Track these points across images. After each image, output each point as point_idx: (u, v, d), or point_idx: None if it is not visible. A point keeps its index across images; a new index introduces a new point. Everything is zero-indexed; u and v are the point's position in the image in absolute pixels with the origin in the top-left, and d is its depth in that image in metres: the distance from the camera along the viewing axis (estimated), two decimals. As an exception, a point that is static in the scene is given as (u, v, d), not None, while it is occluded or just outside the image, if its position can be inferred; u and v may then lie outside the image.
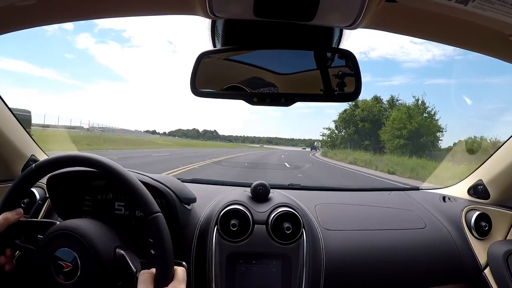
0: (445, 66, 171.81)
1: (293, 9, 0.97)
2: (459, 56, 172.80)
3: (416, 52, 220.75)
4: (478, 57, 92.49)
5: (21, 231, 1.20)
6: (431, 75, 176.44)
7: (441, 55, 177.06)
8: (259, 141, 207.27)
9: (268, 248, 1.51)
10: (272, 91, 1.18)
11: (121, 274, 1.13)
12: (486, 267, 1.72)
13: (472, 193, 2.00)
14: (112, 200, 1.52)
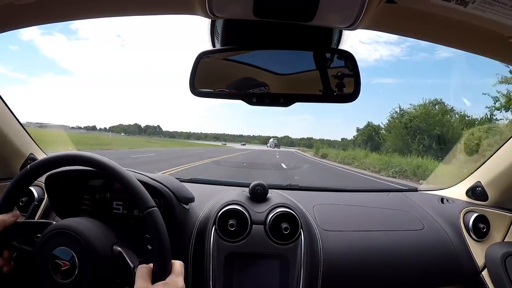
0: (392, 66, 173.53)
1: (292, 9, 0.97)
2: (406, 57, 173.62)
3: (364, 51, 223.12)
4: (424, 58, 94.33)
5: (18, 233, 1.19)
6: (378, 74, 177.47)
7: (389, 55, 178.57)
8: (206, 137, 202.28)
9: (266, 249, 1.51)
10: (271, 92, 1.18)
11: (119, 271, 1.13)
12: (484, 269, 1.72)
13: (471, 195, 2.00)
14: (110, 200, 1.52)
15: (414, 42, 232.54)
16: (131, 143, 44.67)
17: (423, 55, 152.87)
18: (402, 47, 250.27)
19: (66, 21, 1.19)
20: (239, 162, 23.76)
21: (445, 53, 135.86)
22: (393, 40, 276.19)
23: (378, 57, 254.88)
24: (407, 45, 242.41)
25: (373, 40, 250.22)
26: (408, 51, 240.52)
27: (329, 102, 1.18)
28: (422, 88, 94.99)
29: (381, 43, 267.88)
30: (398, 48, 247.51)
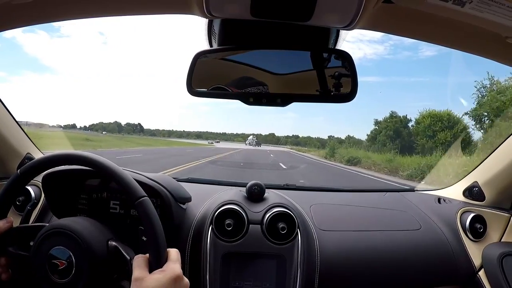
0: (375, 64, 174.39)
1: (290, 9, 0.97)
2: (390, 55, 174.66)
3: (349, 50, 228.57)
4: (407, 57, 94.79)
5: (14, 239, 1.19)
6: (363, 73, 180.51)
7: (372, 53, 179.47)
8: (188, 135, 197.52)
9: (263, 248, 1.51)
10: (268, 91, 1.17)
11: (115, 265, 1.14)
12: (481, 269, 1.72)
13: (467, 195, 2.01)
14: (107, 199, 1.52)
15: (397, 41, 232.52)
16: (110, 142, 41.77)
17: (407, 53, 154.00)
18: (386, 46, 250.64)
19: (63, 21, 1.19)
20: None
21: (429, 52, 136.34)
22: (376, 39, 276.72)
23: (362, 55, 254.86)
24: (391, 44, 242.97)
25: (357, 39, 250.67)
26: (392, 50, 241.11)
27: (326, 102, 1.18)
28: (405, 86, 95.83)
29: (365, 42, 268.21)
30: (382, 47, 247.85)
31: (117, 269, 1.14)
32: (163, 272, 0.96)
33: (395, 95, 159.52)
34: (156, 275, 0.95)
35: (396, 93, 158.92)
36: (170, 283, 0.94)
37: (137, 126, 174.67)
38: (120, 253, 1.13)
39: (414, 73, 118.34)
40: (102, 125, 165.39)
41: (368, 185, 14.63)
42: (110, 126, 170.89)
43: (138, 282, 0.93)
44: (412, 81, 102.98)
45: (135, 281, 0.94)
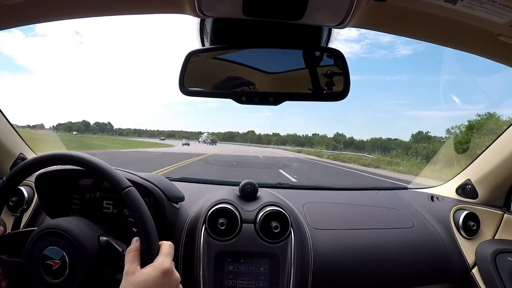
0: (352, 63, 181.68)
1: (281, 8, 0.97)
2: (366, 54, 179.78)
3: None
4: (383, 56, 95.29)
5: (6, 246, 1.19)
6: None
7: (349, 52, 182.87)
8: (160, 134, 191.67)
9: (256, 247, 1.51)
10: (261, 90, 1.17)
11: (108, 261, 1.14)
12: (474, 267, 1.73)
13: (460, 193, 2.01)
14: (100, 199, 1.51)
15: (373, 40, 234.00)
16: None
17: (383, 52, 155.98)
18: (362, 45, 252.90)
19: (54, 21, 1.19)
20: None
21: (405, 51, 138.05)
22: (352, 38, 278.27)
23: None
24: (367, 43, 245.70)
25: (333, 38, 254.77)
26: (368, 49, 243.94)
27: (319, 101, 1.18)
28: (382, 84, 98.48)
29: (341, 41, 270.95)
30: (358, 45, 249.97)
31: (110, 263, 1.14)
32: (153, 266, 0.96)
33: (372, 94, 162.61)
34: (146, 269, 0.94)
35: (373, 92, 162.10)
36: (160, 277, 0.93)
37: (106, 125, 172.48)
38: (112, 247, 1.14)
39: (390, 72, 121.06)
40: (70, 124, 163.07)
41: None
42: (76, 126, 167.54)
43: (128, 276, 0.93)
44: (388, 80, 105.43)
45: (125, 275, 0.94)
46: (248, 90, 1.17)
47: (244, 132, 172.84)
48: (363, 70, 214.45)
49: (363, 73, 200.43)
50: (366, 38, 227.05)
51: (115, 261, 1.12)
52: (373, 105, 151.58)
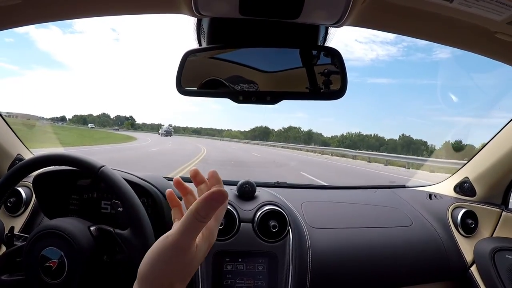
0: (388, 66, 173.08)
1: (278, 7, 0.96)
2: (403, 57, 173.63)
3: (361, 51, 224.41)
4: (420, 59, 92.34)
5: (4, 267, 1.20)
6: (374, 74, 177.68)
7: (385, 55, 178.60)
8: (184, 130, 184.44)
9: (255, 246, 1.51)
10: (258, 89, 1.17)
11: (102, 247, 1.16)
12: (473, 265, 1.73)
13: (458, 191, 2.02)
14: (98, 199, 1.52)
15: (411, 42, 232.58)
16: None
17: (420, 55, 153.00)
18: (399, 47, 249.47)
19: (52, 21, 1.19)
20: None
21: (442, 54, 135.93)
22: (389, 40, 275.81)
23: (375, 56, 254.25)
24: (404, 45, 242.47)
25: (369, 40, 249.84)
26: (405, 51, 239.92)
27: (316, 99, 1.18)
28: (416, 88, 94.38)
29: (378, 43, 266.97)
30: (395, 48, 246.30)
31: (105, 249, 1.16)
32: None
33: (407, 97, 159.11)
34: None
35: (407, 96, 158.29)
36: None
37: (128, 119, 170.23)
38: (103, 230, 1.17)
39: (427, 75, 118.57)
40: (92, 117, 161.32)
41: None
42: (94, 118, 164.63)
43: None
44: (425, 84, 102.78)
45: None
46: (245, 90, 1.16)
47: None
48: (399, 73, 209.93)
49: (399, 76, 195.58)
50: (404, 41, 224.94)
51: (109, 244, 1.15)
52: (407, 109, 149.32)
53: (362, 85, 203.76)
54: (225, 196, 0.65)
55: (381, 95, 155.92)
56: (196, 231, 0.68)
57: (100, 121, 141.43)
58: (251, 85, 1.16)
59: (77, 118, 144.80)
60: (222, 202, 0.66)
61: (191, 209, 0.66)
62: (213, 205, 0.66)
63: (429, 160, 20.02)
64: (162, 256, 0.68)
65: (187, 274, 0.72)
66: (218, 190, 0.65)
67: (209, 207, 0.65)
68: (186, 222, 0.67)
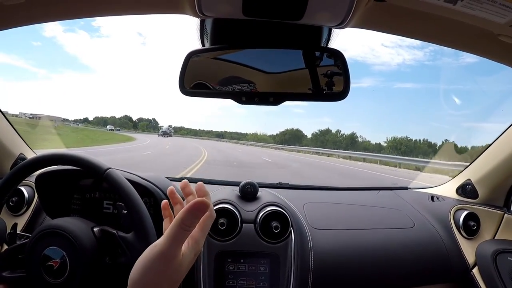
0: (414, 70, 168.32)
1: (281, 8, 0.96)
2: (429, 61, 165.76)
3: (387, 55, 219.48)
4: (447, 63, 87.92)
5: (5, 263, 1.20)
6: (400, 79, 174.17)
7: (411, 59, 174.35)
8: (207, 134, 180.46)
9: (256, 247, 1.51)
10: (261, 90, 1.17)
11: (105, 249, 1.16)
12: (474, 267, 1.73)
13: (461, 193, 2.01)
14: (100, 199, 1.52)
15: (437, 46, 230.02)
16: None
17: (447, 59, 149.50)
18: (425, 52, 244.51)
19: (54, 21, 1.19)
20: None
21: (469, 59, 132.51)
22: (416, 45, 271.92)
23: (401, 61, 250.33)
24: (431, 49, 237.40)
25: (396, 44, 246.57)
26: (431, 56, 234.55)
27: (318, 101, 1.18)
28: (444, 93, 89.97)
29: (404, 47, 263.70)
30: (421, 52, 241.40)
31: (107, 251, 1.17)
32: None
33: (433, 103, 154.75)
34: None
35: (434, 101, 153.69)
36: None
37: (150, 122, 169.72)
38: (106, 232, 1.17)
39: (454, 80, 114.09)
40: (114, 119, 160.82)
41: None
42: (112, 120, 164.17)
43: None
44: (452, 89, 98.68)
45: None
46: (248, 90, 1.17)
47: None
48: (425, 77, 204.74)
49: (424, 81, 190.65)
50: (430, 45, 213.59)
51: (111, 247, 1.15)
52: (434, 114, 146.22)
53: (388, 90, 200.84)
54: (207, 206, 0.71)
55: (408, 100, 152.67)
56: (181, 239, 0.72)
57: (120, 123, 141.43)
58: (254, 86, 1.17)
59: (98, 119, 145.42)
60: (204, 211, 0.71)
61: (176, 219, 0.71)
62: (196, 214, 0.71)
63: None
64: (151, 264, 0.72)
65: (175, 281, 0.75)
66: (201, 200, 0.71)
67: (192, 216, 0.71)
68: (172, 231, 0.71)
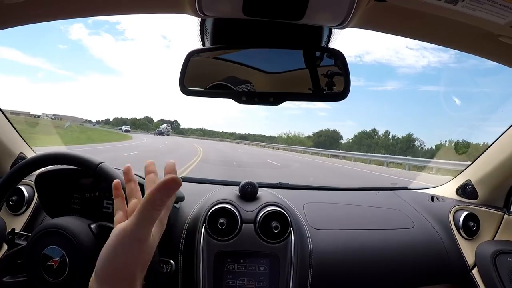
0: (440, 73, 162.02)
1: (282, 8, 0.96)
2: (454, 64, 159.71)
3: (412, 57, 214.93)
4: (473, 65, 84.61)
5: (6, 269, 1.20)
6: (425, 82, 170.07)
7: (436, 62, 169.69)
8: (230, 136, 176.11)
9: (256, 247, 1.51)
10: (261, 90, 1.17)
11: (103, 244, 1.16)
12: (474, 268, 1.73)
13: (461, 193, 2.01)
14: (100, 198, 1.52)
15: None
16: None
17: (472, 61, 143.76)
18: (451, 54, 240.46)
19: (55, 20, 1.19)
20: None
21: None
22: (439, 47, 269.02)
23: (426, 64, 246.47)
24: (456, 52, 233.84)
25: (420, 46, 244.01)
26: (457, 58, 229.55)
27: (319, 101, 1.18)
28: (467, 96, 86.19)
29: (429, 49, 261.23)
30: (447, 55, 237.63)
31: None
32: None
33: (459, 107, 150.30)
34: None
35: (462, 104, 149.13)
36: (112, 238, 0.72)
37: (172, 123, 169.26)
38: (103, 226, 1.18)
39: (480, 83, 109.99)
40: (134, 120, 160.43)
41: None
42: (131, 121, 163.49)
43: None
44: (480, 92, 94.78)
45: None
46: (248, 90, 1.17)
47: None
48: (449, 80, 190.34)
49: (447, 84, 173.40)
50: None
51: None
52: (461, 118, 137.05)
53: (413, 93, 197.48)
54: (179, 183, 0.66)
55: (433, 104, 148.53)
56: (152, 220, 0.68)
57: (139, 124, 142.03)
58: (254, 86, 1.17)
59: (117, 120, 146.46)
60: (176, 189, 0.66)
61: (146, 199, 0.66)
62: (168, 193, 0.66)
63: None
64: (121, 249, 0.67)
65: (145, 263, 0.71)
66: (172, 177, 0.65)
67: (164, 194, 0.65)
68: (143, 212, 0.67)
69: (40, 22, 1.20)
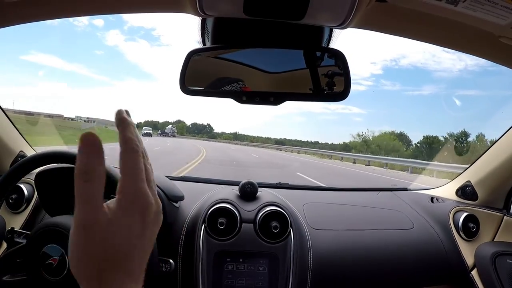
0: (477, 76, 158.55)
1: (283, 8, 0.96)
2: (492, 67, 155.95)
3: (448, 61, 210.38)
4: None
5: (5, 268, 1.20)
6: (462, 86, 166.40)
7: (474, 65, 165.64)
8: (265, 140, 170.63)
9: (256, 247, 1.51)
10: (261, 90, 1.17)
11: None
12: (473, 269, 1.73)
13: (460, 194, 2.01)
14: None
15: None
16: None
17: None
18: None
19: (55, 19, 1.19)
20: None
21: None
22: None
23: (463, 67, 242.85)
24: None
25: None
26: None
27: (319, 101, 1.18)
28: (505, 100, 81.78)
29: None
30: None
31: None
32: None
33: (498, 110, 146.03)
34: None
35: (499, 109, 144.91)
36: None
37: (205, 127, 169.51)
38: None
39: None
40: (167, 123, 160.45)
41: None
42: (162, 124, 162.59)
43: None
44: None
45: None
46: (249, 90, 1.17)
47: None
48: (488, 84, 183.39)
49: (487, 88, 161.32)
50: None
51: None
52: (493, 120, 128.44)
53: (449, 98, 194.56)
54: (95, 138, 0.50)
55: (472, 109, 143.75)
56: (87, 196, 0.52)
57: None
58: (254, 86, 1.17)
59: (148, 123, 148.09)
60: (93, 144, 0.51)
61: (74, 174, 0.51)
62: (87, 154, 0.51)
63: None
64: (74, 243, 0.51)
65: (119, 253, 0.52)
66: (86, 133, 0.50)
67: (82, 157, 0.51)
68: (76, 191, 0.52)
69: (40, 20, 1.19)
